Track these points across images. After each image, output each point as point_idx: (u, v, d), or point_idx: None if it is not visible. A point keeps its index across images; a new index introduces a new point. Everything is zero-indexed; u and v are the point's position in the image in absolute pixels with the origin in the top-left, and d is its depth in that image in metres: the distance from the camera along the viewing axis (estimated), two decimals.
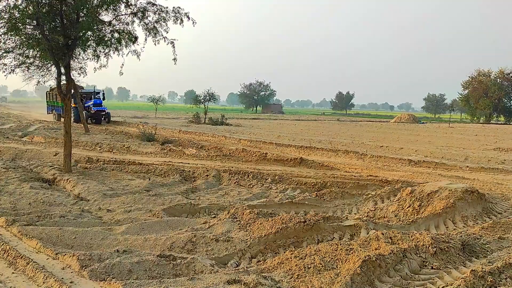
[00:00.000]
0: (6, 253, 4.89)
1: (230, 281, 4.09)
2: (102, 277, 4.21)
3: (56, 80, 10.09)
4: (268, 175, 10.33)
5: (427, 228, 6.67)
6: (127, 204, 7.53)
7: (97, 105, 29.64)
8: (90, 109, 29.26)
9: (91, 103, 29.64)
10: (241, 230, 5.88)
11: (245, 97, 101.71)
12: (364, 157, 15.22)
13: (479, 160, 15.33)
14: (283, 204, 7.71)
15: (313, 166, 12.58)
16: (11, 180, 8.99)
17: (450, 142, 22.93)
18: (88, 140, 17.53)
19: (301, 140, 21.25)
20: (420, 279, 4.44)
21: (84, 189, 8.43)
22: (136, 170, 10.85)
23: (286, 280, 4.28)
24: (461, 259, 5.03)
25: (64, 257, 4.69)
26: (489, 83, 68.67)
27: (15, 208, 6.97)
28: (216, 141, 20.23)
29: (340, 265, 4.44)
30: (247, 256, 5.24)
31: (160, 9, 9.90)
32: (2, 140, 16.06)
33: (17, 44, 9.47)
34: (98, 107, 29.67)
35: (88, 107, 29.38)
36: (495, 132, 36.01)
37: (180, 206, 7.31)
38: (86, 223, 6.21)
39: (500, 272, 4.38)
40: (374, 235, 5.27)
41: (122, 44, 9.98)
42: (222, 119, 34.92)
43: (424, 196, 7.66)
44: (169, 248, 5.23)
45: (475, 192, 7.85)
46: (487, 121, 67.36)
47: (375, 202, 8.39)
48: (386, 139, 24.39)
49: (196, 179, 10.14)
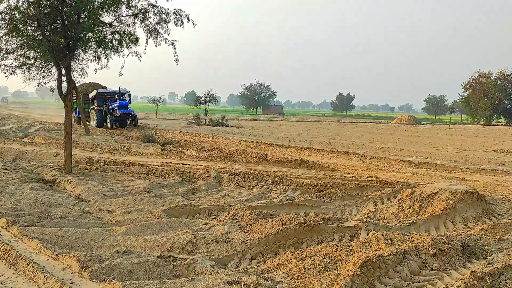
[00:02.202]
0: (6, 253, 4.90)
1: (230, 282, 4.09)
2: (103, 278, 4.22)
3: (57, 81, 10.10)
4: (268, 176, 10.33)
5: (427, 229, 6.68)
6: (127, 205, 7.53)
7: (122, 107, 26.04)
8: (115, 111, 26.17)
9: (115, 105, 26.24)
10: (241, 231, 5.88)
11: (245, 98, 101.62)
12: (364, 159, 15.22)
13: (480, 161, 15.32)
14: (283, 205, 7.71)
15: (314, 167, 12.58)
16: (12, 181, 9.01)
17: (451, 144, 22.92)
18: (89, 141, 17.54)
19: (302, 142, 21.26)
20: (420, 280, 4.44)
21: (84, 190, 8.44)
22: (136, 171, 10.86)
23: (286, 281, 4.28)
24: (461, 260, 5.03)
25: (64, 258, 4.70)
26: (489, 84, 68.62)
27: (15, 209, 6.98)
28: (216, 142, 20.24)
29: (340, 266, 4.44)
30: (247, 257, 5.24)
31: (161, 10, 9.92)
32: (2, 141, 16.08)
33: (18, 45, 9.50)
34: (124, 109, 26.07)
35: (112, 110, 26.47)
36: (496, 133, 35.98)
37: (180, 207, 7.31)
38: (86, 224, 6.22)
39: (500, 273, 4.38)
40: (374, 236, 5.27)
41: (123, 46, 10.01)
42: (222, 120, 34.92)
43: (424, 198, 7.67)
44: (169, 249, 5.24)
45: (475, 193, 7.85)
46: (487, 122, 67.29)
47: (375, 203, 8.39)
48: (386, 140, 24.39)
49: (196, 180, 10.15)
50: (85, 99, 28.05)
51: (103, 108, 26.93)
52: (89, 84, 30.16)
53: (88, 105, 28.02)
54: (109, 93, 27.79)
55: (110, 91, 27.89)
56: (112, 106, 26.59)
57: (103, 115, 26.67)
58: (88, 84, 30.14)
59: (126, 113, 26.27)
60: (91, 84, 30.14)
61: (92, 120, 27.17)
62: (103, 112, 26.77)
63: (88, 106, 27.99)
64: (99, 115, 26.57)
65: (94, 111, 27.00)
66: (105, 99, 27.21)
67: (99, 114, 26.59)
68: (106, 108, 26.87)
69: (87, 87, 29.74)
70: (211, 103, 37.52)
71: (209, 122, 34.89)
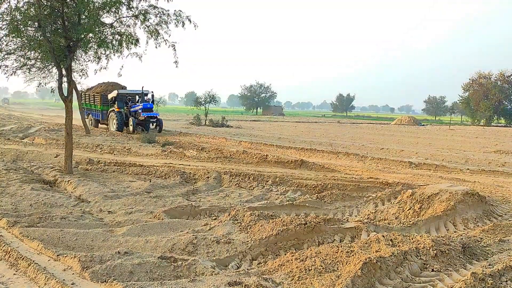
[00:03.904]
0: (7, 254, 4.90)
1: (231, 283, 4.10)
2: (104, 278, 4.22)
3: (57, 82, 10.11)
4: (268, 177, 10.34)
5: (428, 230, 6.68)
6: (128, 206, 7.54)
7: (147, 110, 23.42)
8: (138, 114, 23.52)
9: (139, 107, 23.58)
10: (242, 232, 5.88)
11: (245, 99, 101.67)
12: (364, 159, 15.22)
13: (480, 162, 15.33)
14: (283, 206, 7.72)
15: (314, 168, 12.58)
16: (12, 182, 9.01)
17: (451, 145, 22.93)
18: (89, 141, 17.54)
19: (302, 142, 21.26)
20: (421, 281, 4.45)
21: (85, 191, 8.44)
22: (137, 172, 10.86)
23: (287, 282, 4.28)
24: (461, 261, 5.03)
25: (65, 259, 4.70)
26: (489, 85, 68.69)
27: (16, 209, 6.98)
28: (216, 143, 20.24)
29: (341, 267, 4.45)
30: (248, 258, 5.24)
31: (162, 11, 9.92)
32: (3, 141, 16.08)
33: (18, 46, 9.52)
34: (149, 112, 23.46)
35: (135, 112, 23.76)
36: (496, 134, 35.99)
37: (181, 208, 7.32)
38: (87, 225, 6.22)
39: (501, 274, 4.38)
40: (375, 237, 5.28)
41: (123, 46, 10.01)
42: (222, 121, 34.93)
43: (425, 199, 7.67)
44: (170, 250, 5.24)
45: (476, 194, 7.86)
46: (487, 123, 67.32)
47: (376, 204, 8.39)
48: (386, 141, 24.40)
49: (196, 181, 10.15)
50: (103, 100, 25.71)
51: (123, 111, 24.12)
52: (108, 84, 27.30)
53: (106, 106, 25.51)
54: (130, 93, 25.05)
55: (132, 91, 25.16)
56: (134, 109, 23.89)
57: (124, 118, 23.94)
58: (106, 83, 27.40)
59: (151, 116, 23.68)
60: (109, 83, 27.28)
61: (111, 123, 24.54)
62: (124, 114, 24.05)
63: (107, 108, 25.46)
64: (120, 118, 23.76)
65: (114, 113, 24.12)
66: (126, 101, 24.46)
67: (119, 117, 23.77)
68: (127, 110, 24.14)
69: (105, 87, 26.92)
70: (211, 103, 37.50)
71: (209, 123, 34.89)
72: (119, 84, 27.14)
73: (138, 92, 24.74)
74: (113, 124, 24.41)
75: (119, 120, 23.80)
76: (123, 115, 23.94)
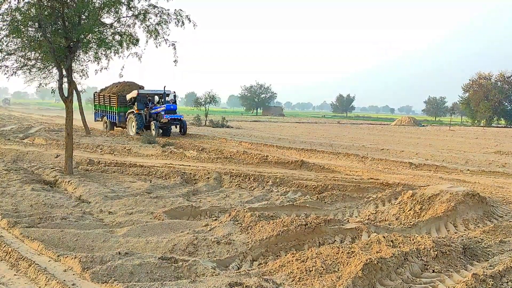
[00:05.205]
0: (8, 255, 4.90)
1: (232, 283, 4.09)
2: (104, 279, 4.22)
3: (58, 83, 10.11)
4: (269, 178, 10.33)
5: (429, 231, 6.68)
6: (128, 207, 7.54)
7: (170, 112, 21.75)
8: (160, 116, 21.80)
9: (161, 108, 21.90)
10: (242, 233, 5.88)
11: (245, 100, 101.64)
12: (365, 160, 15.22)
13: (480, 163, 15.33)
14: (284, 207, 7.71)
15: (314, 169, 12.58)
16: (13, 182, 9.00)
17: (451, 145, 22.92)
18: (89, 142, 17.54)
19: (302, 143, 21.26)
20: (421, 282, 4.45)
21: (85, 191, 8.44)
22: (137, 172, 10.86)
23: (287, 283, 4.28)
24: (462, 262, 5.03)
25: (66, 259, 4.70)
26: (489, 86, 68.69)
27: (16, 210, 6.98)
28: (217, 143, 20.24)
29: (342, 268, 4.44)
30: (249, 259, 5.24)
31: (162, 11, 9.93)
32: (3, 142, 16.08)
33: (19, 47, 9.52)
34: (172, 114, 21.81)
35: (156, 114, 22.09)
36: (496, 135, 35.99)
37: (181, 209, 7.31)
38: (87, 225, 6.22)
39: (502, 275, 4.38)
40: (376, 238, 5.27)
41: (123, 46, 10.02)
42: (222, 121, 34.94)
43: (425, 199, 7.67)
44: (170, 251, 5.24)
45: (476, 195, 7.86)
46: (487, 124, 67.32)
47: (376, 205, 8.39)
48: (386, 142, 24.40)
49: (197, 182, 10.15)
50: (120, 100, 23.70)
51: (143, 112, 22.45)
52: (124, 84, 24.97)
53: (124, 108, 23.61)
54: (149, 93, 23.25)
55: (153, 91, 23.37)
56: (156, 110, 22.19)
57: (144, 120, 22.31)
58: (122, 83, 24.99)
59: (175, 118, 22.01)
60: (126, 83, 25.00)
61: (130, 126, 22.78)
62: (144, 116, 22.42)
63: (124, 109, 23.56)
64: (140, 120, 21.99)
65: (134, 115, 22.33)
66: (147, 102, 22.75)
67: (140, 120, 21.98)
68: (147, 112, 22.46)
69: (121, 87, 24.78)
70: (211, 104, 37.52)
71: (210, 124, 34.91)
72: (136, 83, 25.47)
73: (159, 92, 22.89)
74: (131, 127, 22.70)
75: (139, 123, 21.99)
76: (143, 117, 22.29)
